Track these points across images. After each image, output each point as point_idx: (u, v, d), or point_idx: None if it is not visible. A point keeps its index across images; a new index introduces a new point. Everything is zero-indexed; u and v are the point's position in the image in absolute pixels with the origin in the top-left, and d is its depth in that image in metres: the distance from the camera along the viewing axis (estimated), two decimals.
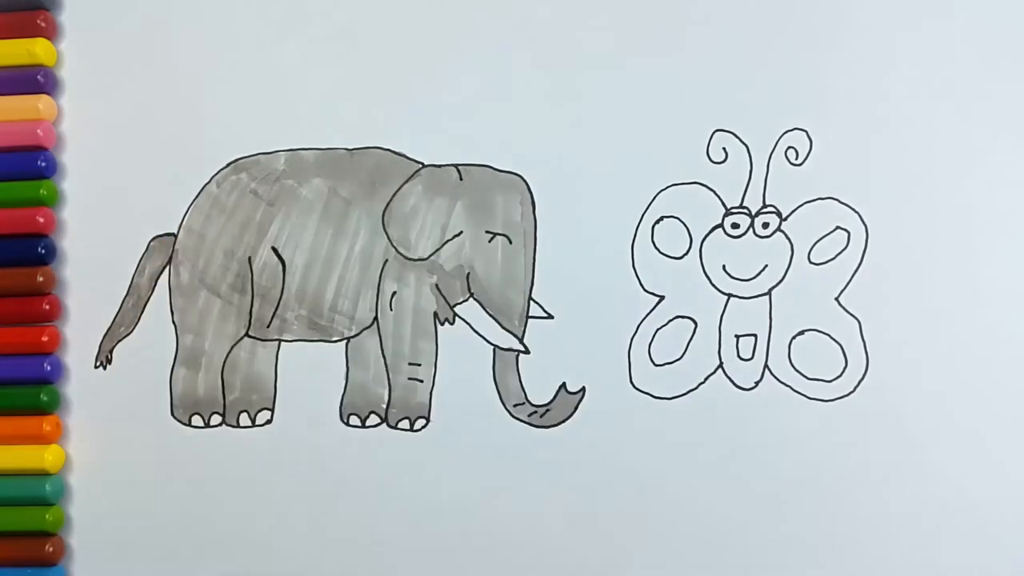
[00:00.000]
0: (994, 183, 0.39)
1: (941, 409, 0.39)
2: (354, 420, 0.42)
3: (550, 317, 0.41)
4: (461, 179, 0.41)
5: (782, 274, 0.39)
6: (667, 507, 0.40)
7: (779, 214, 0.39)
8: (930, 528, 0.39)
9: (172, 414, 0.42)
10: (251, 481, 0.42)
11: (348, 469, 0.41)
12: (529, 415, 0.41)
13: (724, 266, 0.40)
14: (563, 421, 0.40)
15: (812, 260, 0.39)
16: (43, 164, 0.42)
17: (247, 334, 0.42)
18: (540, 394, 0.41)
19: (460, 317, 0.41)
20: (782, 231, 0.39)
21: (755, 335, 0.39)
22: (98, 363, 0.43)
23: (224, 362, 0.42)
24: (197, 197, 0.42)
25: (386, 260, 0.42)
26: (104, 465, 0.43)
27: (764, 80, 0.40)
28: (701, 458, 0.40)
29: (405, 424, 0.41)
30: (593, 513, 0.40)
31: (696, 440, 0.40)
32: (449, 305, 0.41)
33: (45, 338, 0.42)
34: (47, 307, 0.42)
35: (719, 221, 0.40)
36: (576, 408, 0.40)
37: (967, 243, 0.39)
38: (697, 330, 0.40)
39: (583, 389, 0.40)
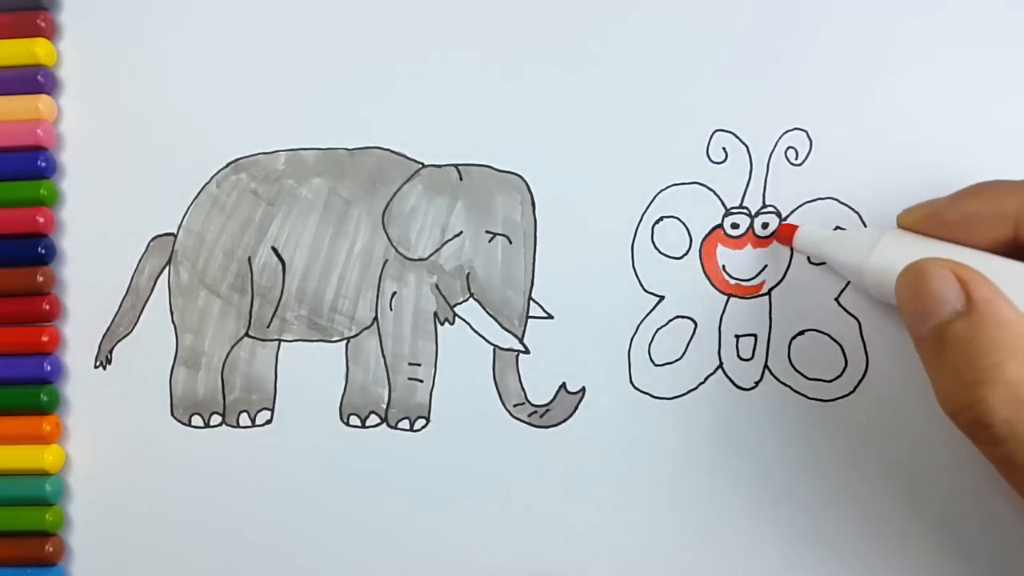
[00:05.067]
0: None
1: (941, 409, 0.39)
2: (354, 420, 0.42)
3: (550, 317, 0.41)
4: (461, 179, 0.41)
5: (782, 274, 0.39)
6: (667, 507, 0.40)
7: (779, 214, 0.39)
8: (930, 528, 0.39)
9: (172, 414, 0.42)
10: (251, 481, 0.42)
11: (348, 469, 0.41)
12: (529, 415, 0.41)
13: (724, 266, 0.40)
14: (563, 421, 0.40)
15: (812, 260, 0.39)
16: (43, 164, 0.42)
17: (247, 334, 0.42)
18: (540, 394, 0.41)
19: (460, 317, 0.41)
20: None
21: (755, 335, 0.39)
22: (98, 363, 0.43)
23: (224, 362, 0.42)
24: (197, 197, 0.42)
25: (386, 260, 0.42)
26: (104, 465, 0.43)
27: (764, 80, 0.40)
28: (701, 458, 0.40)
29: (405, 424, 0.41)
30: (593, 513, 0.40)
31: (696, 440, 0.40)
32: (449, 305, 0.41)
33: (45, 338, 0.42)
34: (47, 307, 0.42)
35: (719, 221, 0.40)
36: (576, 408, 0.40)
37: None
38: (697, 330, 0.40)
39: (583, 389, 0.40)
